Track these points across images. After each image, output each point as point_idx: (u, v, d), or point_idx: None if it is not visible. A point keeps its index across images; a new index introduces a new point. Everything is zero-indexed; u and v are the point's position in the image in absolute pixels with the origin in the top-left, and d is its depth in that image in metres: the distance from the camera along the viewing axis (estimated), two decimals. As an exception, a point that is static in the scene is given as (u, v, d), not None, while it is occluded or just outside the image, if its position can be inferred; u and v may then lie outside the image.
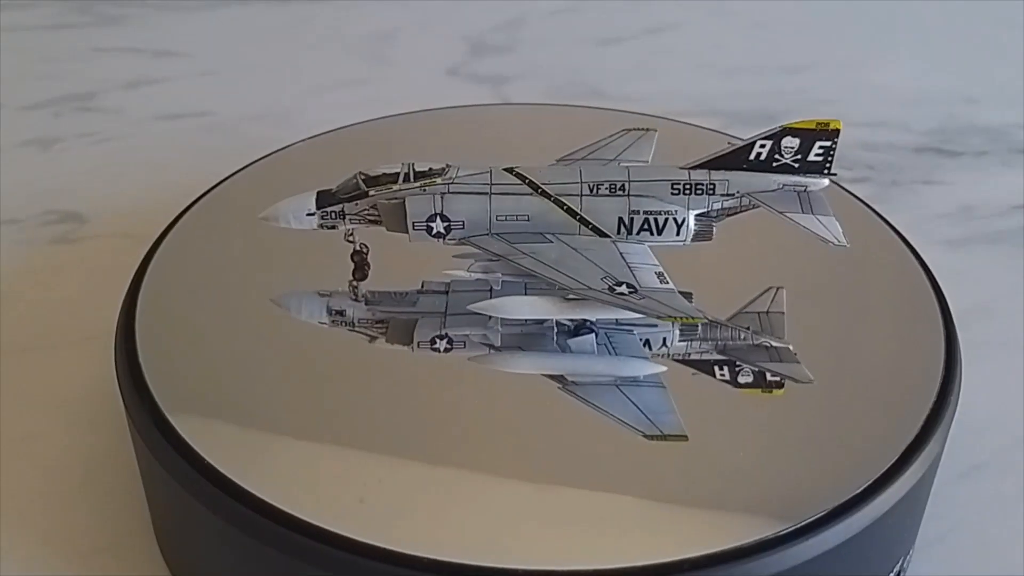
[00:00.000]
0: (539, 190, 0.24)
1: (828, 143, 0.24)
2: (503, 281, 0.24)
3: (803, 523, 0.20)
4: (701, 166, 0.24)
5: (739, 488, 0.21)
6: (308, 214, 0.24)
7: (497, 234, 0.24)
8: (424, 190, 0.23)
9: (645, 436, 0.21)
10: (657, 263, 0.23)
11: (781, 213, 0.24)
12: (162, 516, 0.24)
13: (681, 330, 0.24)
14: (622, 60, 0.49)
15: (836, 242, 0.24)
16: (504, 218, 0.23)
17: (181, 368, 0.23)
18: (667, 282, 0.23)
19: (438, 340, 0.23)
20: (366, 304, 0.24)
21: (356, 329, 0.24)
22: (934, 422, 0.22)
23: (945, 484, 0.25)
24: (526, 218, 0.24)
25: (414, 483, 0.21)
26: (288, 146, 0.32)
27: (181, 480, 0.21)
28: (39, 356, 0.31)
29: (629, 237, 0.24)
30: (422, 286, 0.25)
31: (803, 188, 0.24)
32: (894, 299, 0.26)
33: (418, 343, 0.23)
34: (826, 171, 0.24)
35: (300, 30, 0.52)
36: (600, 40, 0.51)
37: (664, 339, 0.24)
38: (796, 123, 0.23)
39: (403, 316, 0.24)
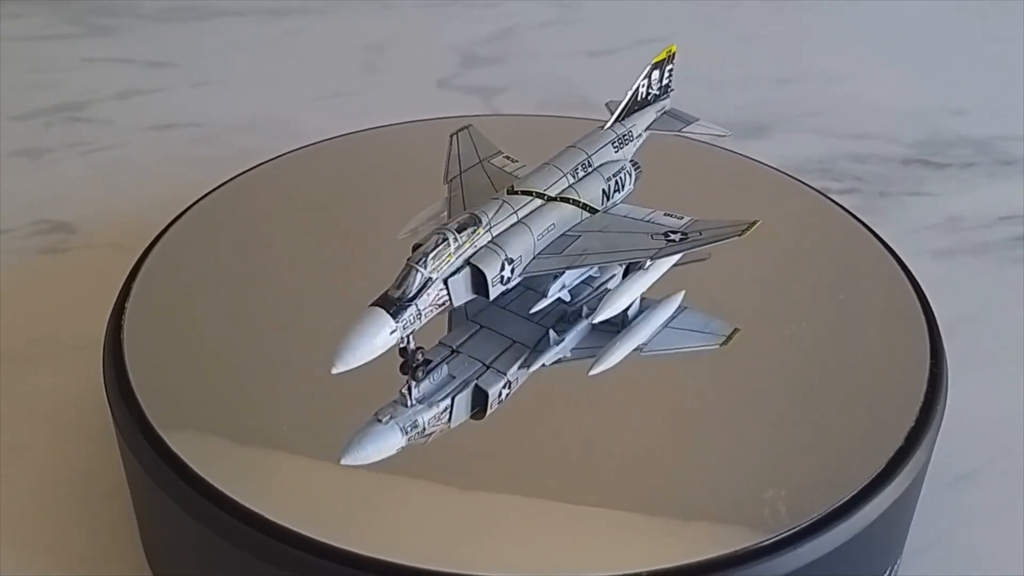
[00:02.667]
0: (546, 196, 0.24)
1: (671, 66, 0.27)
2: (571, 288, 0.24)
3: (789, 533, 0.20)
4: (615, 121, 0.26)
5: (725, 498, 0.21)
6: (391, 332, 0.20)
7: (541, 254, 0.23)
8: (475, 244, 0.22)
9: (720, 345, 0.24)
10: (649, 207, 0.25)
11: (677, 133, 0.27)
12: (149, 526, 0.24)
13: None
14: (612, 71, 0.49)
15: (723, 133, 0.27)
16: (540, 236, 0.23)
17: (169, 379, 0.23)
18: (681, 216, 0.24)
19: (503, 391, 0.23)
20: (421, 403, 0.22)
21: (428, 432, 0.21)
22: (921, 432, 0.22)
23: (932, 494, 0.25)
24: (553, 226, 0.24)
25: (406, 494, 0.21)
26: (279, 156, 0.32)
27: (168, 490, 0.21)
28: (27, 366, 0.31)
29: (608, 202, 0.25)
30: (423, 359, 0.22)
31: (665, 109, 0.27)
32: (881, 309, 0.26)
33: (491, 404, 0.22)
34: (670, 89, 0.27)
35: (291, 41, 0.52)
36: (590, 52, 0.51)
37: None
38: (657, 57, 0.27)
39: (459, 391, 0.22)
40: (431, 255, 0.21)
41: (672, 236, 0.23)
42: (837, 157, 0.42)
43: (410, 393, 0.22)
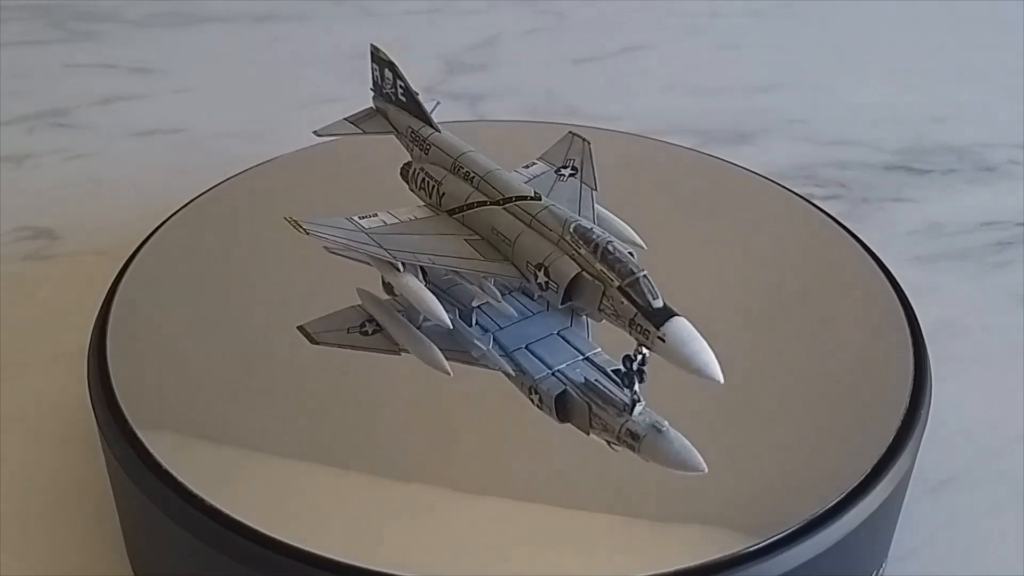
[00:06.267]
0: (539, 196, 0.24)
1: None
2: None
3: (774, 538, 0.20)
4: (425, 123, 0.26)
5: (710, 504, 0.21)
6: None
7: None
8: (609, 246, 0.22)
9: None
10: (512, 171, 0.25)
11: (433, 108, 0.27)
12: (134, 534, 0.24)
13: None
14: (597, 79, 0.50)
15: (433, 99, 0.28)
16: None
17: (153, 386, 0.23)
18: (534, 162, 0.26)
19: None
20: (640, 401, 0.21)
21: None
22: (905, 437, 0.22)
23: (917, 498, 0.25)
24: None
25: (390, 500, 0.21)
26: (263, 163, 0.32)
27: (153, 498, 0.21)
28: (11, 373, 0.30)
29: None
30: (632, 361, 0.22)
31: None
32: (864, 315, 0.27)
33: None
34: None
35: (275, 48, 0.52)
36: (575, 59, 0.51)
37: None
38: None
39: (630, 382, 0.22)
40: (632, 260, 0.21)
41: (564, 172, 0.25)
42: (820, 163, 0.43)
43: (639, 395, 0.21)
